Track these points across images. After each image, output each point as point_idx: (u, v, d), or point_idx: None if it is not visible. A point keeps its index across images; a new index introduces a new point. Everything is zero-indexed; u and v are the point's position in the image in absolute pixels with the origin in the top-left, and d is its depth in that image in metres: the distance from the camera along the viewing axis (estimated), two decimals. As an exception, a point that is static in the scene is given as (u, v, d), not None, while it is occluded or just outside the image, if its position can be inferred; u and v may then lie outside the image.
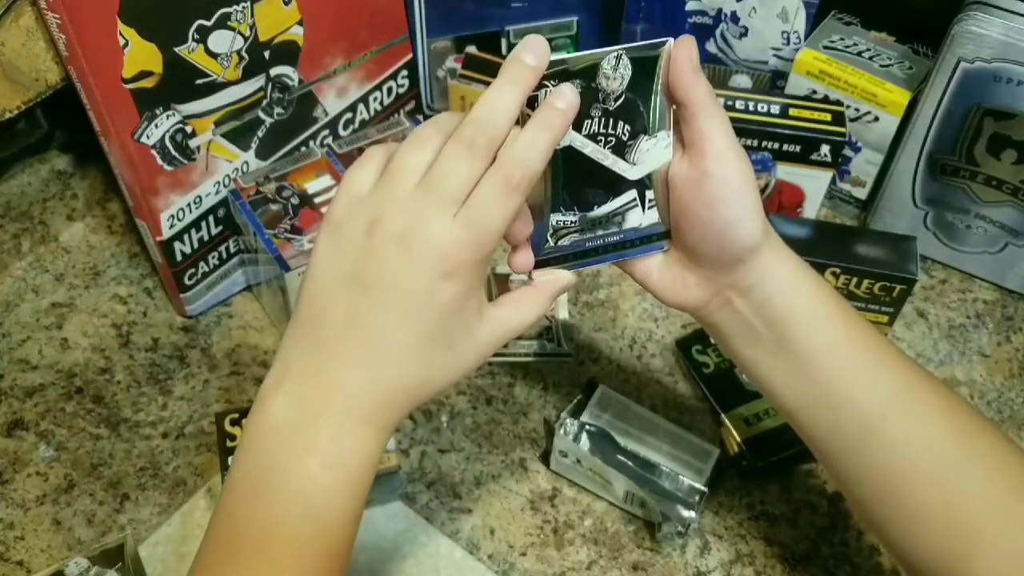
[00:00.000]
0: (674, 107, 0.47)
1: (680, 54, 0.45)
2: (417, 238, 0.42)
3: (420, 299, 0.43)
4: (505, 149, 0.43)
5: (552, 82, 0.45)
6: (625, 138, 0.47)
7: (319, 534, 0.43)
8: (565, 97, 0.44)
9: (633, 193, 0.49)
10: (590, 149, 0.47)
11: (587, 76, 0.45)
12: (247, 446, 0.44)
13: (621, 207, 0.49)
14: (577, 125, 0.46)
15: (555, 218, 0.49)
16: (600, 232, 0.50)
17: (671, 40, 0.46)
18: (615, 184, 0.48)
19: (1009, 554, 0.46)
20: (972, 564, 0.46)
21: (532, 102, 0.44)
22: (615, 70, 0.45)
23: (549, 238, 0.49)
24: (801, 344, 0.49)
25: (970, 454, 0.48)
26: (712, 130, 0.46)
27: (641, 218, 0.49)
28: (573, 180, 0.48)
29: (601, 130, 0.47)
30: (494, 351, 0.47)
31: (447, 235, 0.42)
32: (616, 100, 0.46)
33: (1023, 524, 0.46)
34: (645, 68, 0.46)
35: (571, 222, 0.49)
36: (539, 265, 0.50)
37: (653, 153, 0.48)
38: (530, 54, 0.43)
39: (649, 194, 0.49)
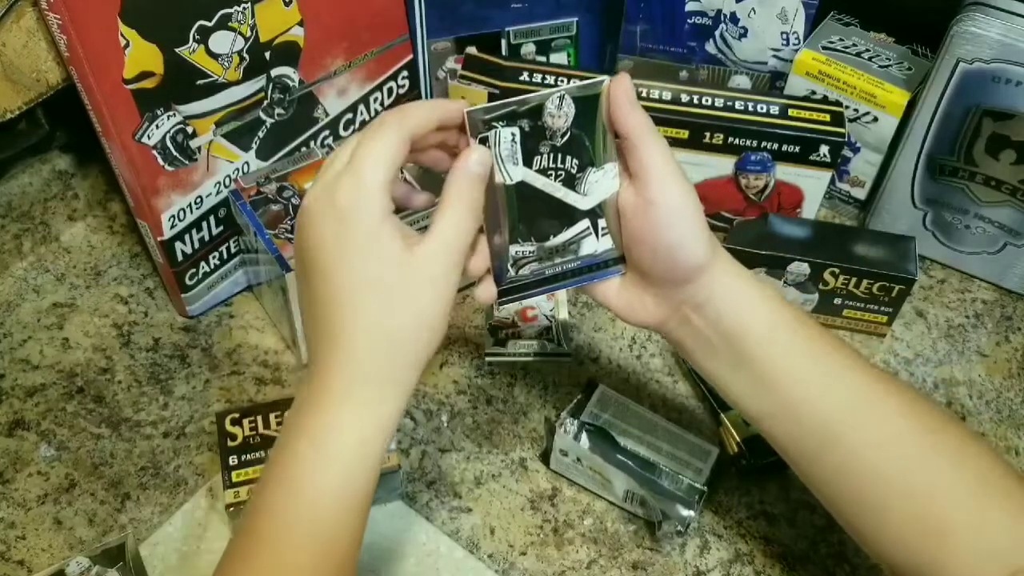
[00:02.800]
0: (617, 139, 0.50)
1: (616, 90, 0.48)
2: (307, 201, 0.46)
3: (331, 252, 0.44)
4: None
5: (501, 123, 0.48)
6: (574, 171, 0.50)
7: (307, 516, 0.44)
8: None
9: (586, 223, 0.51)
10: (541, 183, 0.50)
11: (533, 116, 0.48)
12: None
13: (576, 236, 0.52)
14: (527, 161, 0.49)
15: (514, 249, 0.51)
16: (558, 260, 0.52)
17: (608, 78, 0.49)
18: (568, 215, 0.51)
19: (978, 553, 0.47)
20: (941, 564, 0.47)
21: (484, 142, 0.48)
22: (559, 109, 0.48)
23: (510, 268, 0.52)
24: (757, 357, 0.51)
25: (934, 454, 0.49)
26: (652, 160, 0.48)
27: (596, 245, 0.52)
28: (528, 213, 0.51)
29: (551, 165, 0.50)
30: (454, 269, 0.46)
31: (327, 185, 0.45)
32: (563, 136, 0.49)
33: (991, 522, 0.47)
34: (587, 105, 0.49)
35: (529, 252, 0.52)
36: (502, 295, 0.52)
37: (602, 184, 0.50)
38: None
39: (601, 222, 0.51)
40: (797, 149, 0.75)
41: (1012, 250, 0.78)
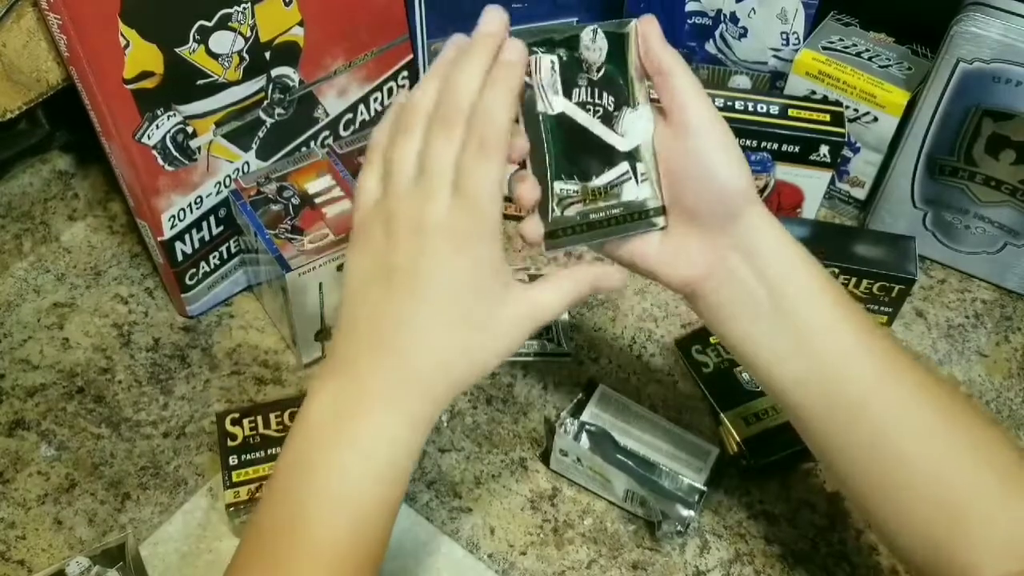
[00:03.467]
0: (649, 84, 0.50)
1: (647, 28, 0.49)
2: (424, 223, 0.44)
3: (437, 280, 0.44)
4: (471, 115, 0.45)
5: (541, 48, 0.48)
6: (611, 108, 0.50)
7: (355, 529, 0.44)
8: (514, 49, 0.47)
9: (625, 165, 0.51)
10: (581, 117, 0.50)
11: (570, 45, 0.49)
12: (288, 443, 0.46)
13: (617, 178, 0.51)
14: (567, 92, 0.49)
15: (558, 186, 0.51)
16: (602, 204, 0.51)
17: (635, 20, 0.50)
18: (609, 155, 0.51)
19: (992, 541, 0.46)
20: (958, 550, 0.47)
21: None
22: (593, 42, 0.49)
23: (555, 207, 0.51)
24: (799, 312, 0.50)
25: (954, 435, 0.48)
26: (683, 85, 0.49)
27: (636, 191, 0.51)
28: (570, 148, 0.50)
29: (589, 99, 0.50)
30: (529, 330, 0.47)
31: (447, 212, 0.44)
32: (598, 71, 0.50)
33: (1010, 509, 0.47)
34: (618, 43, 0.49)
35: (573, 191, 0.51)
36: (549, 236, 0.51)
37: (638, 125, 0.50)
38: (488, 25, 0.47)
39: (640, 167, 0.51)
40: (797, 149, 0.75)
41: (1012, 250, 0.78)
